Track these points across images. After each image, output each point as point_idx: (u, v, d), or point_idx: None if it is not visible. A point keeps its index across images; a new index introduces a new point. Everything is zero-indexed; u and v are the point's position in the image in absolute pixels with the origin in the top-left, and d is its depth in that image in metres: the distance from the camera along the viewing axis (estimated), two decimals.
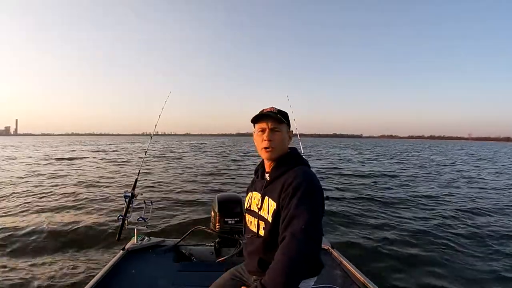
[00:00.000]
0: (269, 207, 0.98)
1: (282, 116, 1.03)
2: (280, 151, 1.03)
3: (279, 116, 1.02)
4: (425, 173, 11.50)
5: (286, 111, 1.08)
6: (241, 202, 2.17)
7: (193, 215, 4.83)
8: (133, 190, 2.10)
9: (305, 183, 0.90)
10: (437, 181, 9.28)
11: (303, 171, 0.96)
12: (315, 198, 0.90)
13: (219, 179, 9.05)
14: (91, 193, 6.54)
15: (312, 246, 0.84)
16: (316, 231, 0.85)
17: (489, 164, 17.24)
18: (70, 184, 7.76)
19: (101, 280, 1.55)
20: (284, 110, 1.08)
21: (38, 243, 3.49)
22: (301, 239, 0.82)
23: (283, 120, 1.03)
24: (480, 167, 14.77)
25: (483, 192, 7.62)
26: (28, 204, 5.39)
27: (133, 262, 1.84)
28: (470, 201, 6.29)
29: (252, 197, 1.11)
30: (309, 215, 0.84)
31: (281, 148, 1.03)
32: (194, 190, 7.04)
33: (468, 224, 4.58)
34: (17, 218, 4.50)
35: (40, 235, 3.74)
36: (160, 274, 1.70)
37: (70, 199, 5.87)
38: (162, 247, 2.07)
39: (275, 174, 1.02)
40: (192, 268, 1.82)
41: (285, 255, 0.81)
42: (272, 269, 0.83)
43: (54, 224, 4.17)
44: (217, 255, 2.02)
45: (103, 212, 4.91)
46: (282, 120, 1.02)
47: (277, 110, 1.05)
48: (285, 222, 0.87)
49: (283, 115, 1.05)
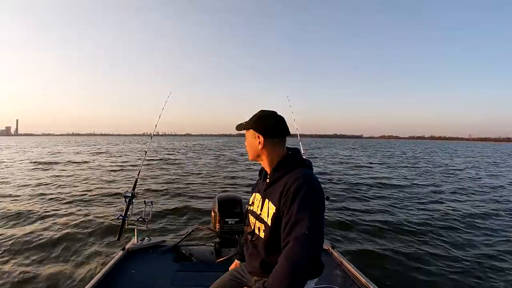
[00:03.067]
0: (268, 210, 0.98)
1: (247, 123, 1.09)
2: (252, 155, 1.11)
3: (241, 124, 1.12)
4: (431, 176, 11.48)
5: (260, 114, 1.08)
6: (241, 202, 2.16)
7: (193, 215, 4.84)
8: (133, 191, 2.10)
9: (305, 187, 0.90)
10: (449, 185, 9.26)
11: (303, 173, 0.96)
12: (316, 202, 0.90)
13: (219, 179, 9.05)
14: (91, 193, 6.55)
15: (315, 250, 0.86)
16: (318, 234, 0.87)
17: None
18: (70, 183, 7.77)
19: (101, 280, 1.55)
20: (259, 113, 1.09)
21: (38, 243, 3.49)
22: (304, 244, 0.83)
23: (244, 127, 1.10)
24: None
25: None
26: (27, 203, 5.40)
27: (133, 262, 1.84)
28: (481, 204, 6.22)
29: (255, 198, 1.11)
30: (311, 219, 0.85)
31: (252, 152, 1.10)
32: (194, 190, 7.04)
33: (471, 225, 4.59)
34: (17, 217, 4.50)
35: (40, 235, 3.74)
36: (160, 274, 1.70)
37: (70, 199, 5.88)
38: (162, 247, 2.07)
39: (275, 176, 1.02)
40: (192, 268, 1.82)
41: (289, 260, 0.82)
42: (276, 273, 0.84)
43: (54, 224, 4.18)
44: (217, 255, 2.02)
45: (103, 212, 4.91)
46: (244, 128, 1.10)
47: (250, 118, 1.11)
48: (288, 227, 0.88)
49: (251, 120, 1.08)
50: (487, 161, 19.67)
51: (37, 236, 3.69)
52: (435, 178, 10.23)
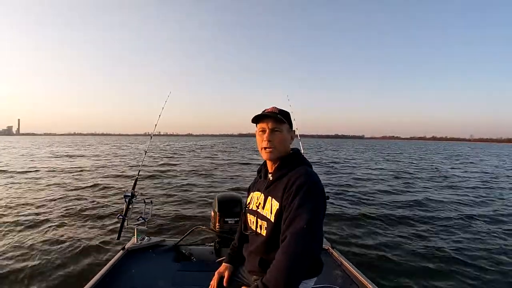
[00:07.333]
0: (272, 207, 0.98)
1: (283, 116, 1.02)
2: (280, 152, 1.02)
3: (279, 117, 1.00)
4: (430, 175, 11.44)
5: (288, 111, 1.07)
6: (241, 202, 2.16)
7: (193, 215, 4.84)
8: (133, 190, 2.10)
9: (308, 183, 0.90)
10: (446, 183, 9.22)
11: (306, 171, 0.96)
12: (317, 199, 0.90)
13: (219, 179, 9.05)
14: (91, 193, 6.56)
15: (313, 246, 0.85)
16: (317, 231, 0.86)
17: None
18: (70, 183, 7.79)
19: (101, 279, 1.56)
20: (286, 110, 1.07)
21: (38, 243, 3.50)
22: (302, 238, 0.83)
23: (284, 120, 1.01)
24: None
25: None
26: (27, 203, 5.42)
27: (133, 261, 1.84)
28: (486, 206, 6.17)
29: (255, 197, 1.10)
30: (310, 215, 0.85)
31: (282, 148, 1.02)
32: (194, 190, 7.04)
33: (471, 226, 4.57)
34: (16, 217, 4.51)
35: (39, 235, 3.75)
36: (160, 274, 1.70)
37: (70, 199, 5.89)
38: (162, 247, 2.07)
39: (278, 174, 1.02)
40: (192, 268, 1.82)
41: (286, 254, 0.82)
42: (273, 268, 0.84)
43: (53, 224, 4.18)
44: (217, 255, 2.02)
45: (103, 212, 4.92)
46: (283, 120, 1.01)
47: (278, 110, 1.04)
48: (287, 221, 0.88)
49: (284, 115, 1.04)
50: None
51: (36, 237, 3.70)
52: (436, 178, 10.20)
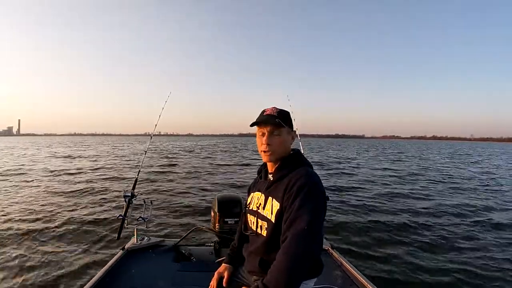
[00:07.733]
0: (272, 208, 0.98)
1: (283, 117, 1.01)
2: (279, 154, 1.02)
3: (277, 121, 0.99)
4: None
5: (287, 111, 1.07)
6: (241, 202, 2.16)
7: (193, 215, 4.84)
8: (133, 190, 2.10)
9: (309, 184, 0.90)
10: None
11: (307, 172, 0.96)
12: (318, 200, 0.90)
13: (219, 180, 9.05)
14: (91, 193, 6.56)
15: (313, 247, 0.85)
16: (317, 232, 0.86)
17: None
18: (70, 183, 7.79)
19: (101, 279, 1.55)
20: (285, 110, 1.06)
21: (38, 243, 3.50)
22: (302, 239, 0.83)
23: (283, 124, 1.00)
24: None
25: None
26: (28, 203, 5.42)
27: (133, 262, 1.84)
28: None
29: (255, 197, 1.10)
30: (311, 216, 0.85)
31: (281, 150, 1.02)
32: (194, 190, 7.04)
33: (472, 225, 4.57)
34: (16, 217, 4.51)
35: (39, 235, 3.75)
36: (160, 274, 1.70)
37: (70, 199, 5.89)
38: (162, 247, 2.07)
39: (279, 175, 1.01)
40: (192, 268, 1.81)
41: (287, 255, 0.82)
42: (274, 269, 0.84)
43: (53, 224, 4.19)
44: (217, 255, 2.02)
45: (103, 211, 4.92)
46: (282, 125, 1.00)
47: (277, 112, 1.02)
48: (288, 222, 0.88)
49: (284, 115, 1.03)
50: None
51: (36, 237, 3.70)
52: (437, 177, 10.21)
